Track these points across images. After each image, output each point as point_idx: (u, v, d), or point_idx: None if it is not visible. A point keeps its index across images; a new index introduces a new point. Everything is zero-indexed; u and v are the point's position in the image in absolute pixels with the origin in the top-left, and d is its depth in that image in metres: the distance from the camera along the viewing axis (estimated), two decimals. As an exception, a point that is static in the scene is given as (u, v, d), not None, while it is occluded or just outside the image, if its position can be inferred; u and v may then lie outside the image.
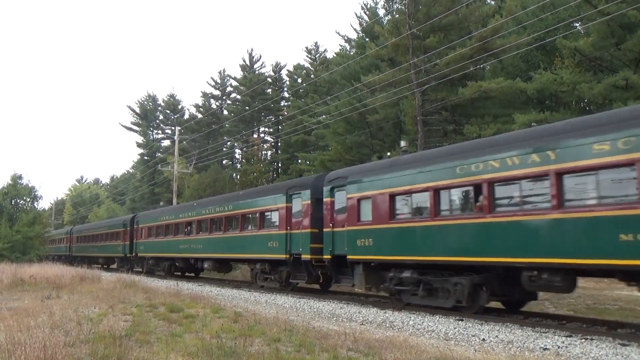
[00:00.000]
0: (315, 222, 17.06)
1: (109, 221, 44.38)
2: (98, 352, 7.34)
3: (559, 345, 8.87)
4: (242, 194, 23.38)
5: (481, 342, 9.39)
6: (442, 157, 12.78)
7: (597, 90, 21.43)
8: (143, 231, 32.56)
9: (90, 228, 47.48)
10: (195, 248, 25.25)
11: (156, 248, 30.41)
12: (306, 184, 18.07)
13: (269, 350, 7.73)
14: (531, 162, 10.35)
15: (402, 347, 7.96)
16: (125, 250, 35.03)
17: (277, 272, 19.35)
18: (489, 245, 11.17)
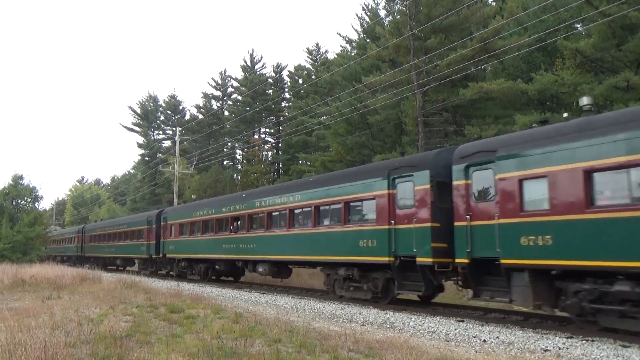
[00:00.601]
0: (437, 213, 12.90)
1: (130, 218, 39.85)
2: (99, 353, 7.35)
3: (560, 347, 8.86)
4: (315, 180, 18.92)
5: (482, 343, 9.38)
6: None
7: (598, 91, 21.39)
8: (173, 228, 28.33)
9: (106, 226, 42.76)
10: (246, 248, 21.06)
11: (190, 248, 26.31)
12: (421, 163, 13.74)
13: (270, 351, 7.73)
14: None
15: (403, 348, 7.96)
16: (150, 250, 31.26)
17: (369, 279, 15.18)
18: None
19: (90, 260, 42.05)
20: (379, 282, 14.79)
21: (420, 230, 13.13)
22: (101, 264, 40.34)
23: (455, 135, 29.01)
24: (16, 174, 44.33)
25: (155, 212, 32.28)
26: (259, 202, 20.67)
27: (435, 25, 27.22)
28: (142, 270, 33.33)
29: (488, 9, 29.15)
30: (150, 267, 32.35)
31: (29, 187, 44.32)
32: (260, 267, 20.33)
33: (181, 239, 27.26)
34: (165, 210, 31.57)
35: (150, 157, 68.40)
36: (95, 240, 43.49)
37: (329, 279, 17.02)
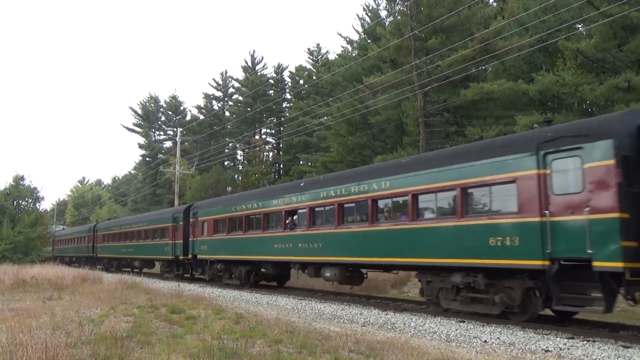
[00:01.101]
0: (625, 200, 9.50)
1: (151, 215, 35.16)
2: (99, 353, 7.35)
3: (561, 347, 8.85)
4: (410, 162, 15.00)
5: (483, 344, 9.37)
6: None
7: (599, 91, 21.38)
8: (205, 226, 24.40)
9: (122, 224, 38.23)
10: (307, 249, 17.28)
11: (228, 248, 22.33)
12: (596, 131, 10.00)
13: (271, 351, 7.73)
14: None
15: (404, 349, 7.95)
16: (176, 251, 27.18)
17: (499, 289, 11.55)
18: None
19: (104, 262, 39.53)
20: (516, 293, 11.17)
21: (600, 222, 9.52)
22: (115, 266, 37.14)
23: (457, 136, 29.01)
24: (17, 174, 44.51)
25: (183, 208, 28.25)
26: (324, 192, 16.82)
27: (436, 25, 27.21)
28: (166, 273, 29.78)
29: (489, 9, 29.14)
30: (176, 269, 28.30)
31: (30, 188, 44.44)
32: (328, 271, 16.58)
33: (216, 237, 23.22)
34: (195, 205, 26.97)
35: (151, 157, 68.46)
36: (109, 240, 39.02)
37: (429, 287, 13.33)
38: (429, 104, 28.42)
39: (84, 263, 42.37)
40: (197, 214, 25.47)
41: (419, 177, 13.32)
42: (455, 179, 12.20)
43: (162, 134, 73.57)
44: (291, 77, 58.24)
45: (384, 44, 30.41)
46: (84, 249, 44.58)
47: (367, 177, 15.31)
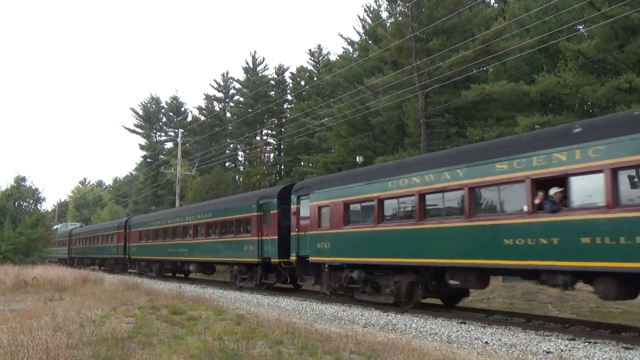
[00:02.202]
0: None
1: (219, 203, 25.88)
2: (100, 354, 7.36)
3: (562, 349, 8.84)
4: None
5: (484, 345, 9.37)
6: None
7: (600, 92, 21.38)
8: (324, 214, 16.80)
9: (169, 217, 29.97)
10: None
11: (373, 247, 14.74)
12: None
13: (272, 352, 7.73)
14: None
15: (405, 350, 7.95)
16: (266, 250, 19.89)
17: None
18: None
19: (139, 265, 33.17)
20: None
21: None
22: (157, 270, 30.79)
23: (458, 137, 29.01)
24: (18, 175, 44.38)
25: (276, 190, 20.61)
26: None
27: (437, 26, 27.21)
28: (242, 281, 21.94)
29: (490, 10, 29.14)
30: (261, 277, 20.60)
31: (31, 189, 44.38)
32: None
33: (349, 230, 15.46)
34: (303, 185, 19.05)
35: (152, 158, 68.47)
36: (148, 238, 31.70)
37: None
38: (430, 105, 28.42)
39: (111, 266, 37.46)
40: (309, 196, 17.47)
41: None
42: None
43: (163, 135, 73.63)
44: (292, 78, 58.22)
45: (385, 45, 30.43)
46: (112, 249, 37.56)
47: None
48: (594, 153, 9.46)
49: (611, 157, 9.16)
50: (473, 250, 11.53)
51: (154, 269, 31.30)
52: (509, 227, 10.86)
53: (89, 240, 44.20)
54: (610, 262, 9.05)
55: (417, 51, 27.86)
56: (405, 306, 13.84)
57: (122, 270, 31.76)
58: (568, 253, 9.67)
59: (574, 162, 9.76)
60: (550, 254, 9.95)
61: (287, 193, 19.11)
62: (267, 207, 20.11)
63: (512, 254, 10.67)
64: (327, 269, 16.56)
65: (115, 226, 38.28)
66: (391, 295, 14.20)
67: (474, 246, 11.54)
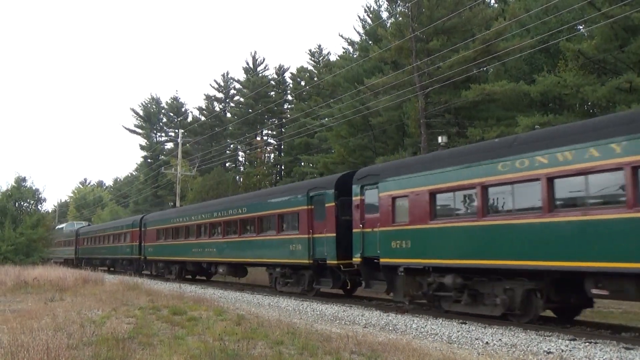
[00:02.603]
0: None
1: (256, 196, 23.01)
2: (101, 355, 7.36)
3: (563, 349, 8.84)
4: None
5: (484, 346, 9.37)
6: None
7: (600, 92, 21.39)
8: (404, 206, 13.81)
9: (193, 213, 26.76)
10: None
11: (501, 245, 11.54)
12: None
13: (272, 353, 7.73)
14: None
15: (405, 350, 7.95)
16: (320, 250, 16.82)
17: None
18: None
19: (156, 266, 30.48)
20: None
21: None
22: (176, 272, 27.94)
23: (458, 137, 29.01)
24: (19, 175, 44.45)
25: (333, 179, 17.12)
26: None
27: (437, 27, 27.22)
28: (285, 286, 19.13)
29: (490, 10, 29.15)
30: (317, 281, 17.61)
31: (31, 189, 44.44)
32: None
33: (435, 226, 12.65)
34: (369, 172, 15.55)
35: (153, 159, 68.52)
36: (168, 236, 28.79)
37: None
38: (430, 105, 28.42)
39: (123, 267, 34.49)
40: (375, 185, 14.61)
41: None
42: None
43: (163, 136, 73.69)
44: (292, 78, 58.28)
45: (385, 45, 30.43)
46: (125, 249, 34.64)
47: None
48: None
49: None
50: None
51: (174, 270, 28.36)
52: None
53: (98, 240, 40.97)
54: None
55: (418, 51, 27.86)
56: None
57: (136, 272, 29.18)
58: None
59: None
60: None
61: (347, 182, 16.15)
62: (320, 200, 16.97)
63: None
64: (404, 273, 13.58)
65: (128, 224, 35.26)
66: (500, 306, 11.43)
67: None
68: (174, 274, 28.22)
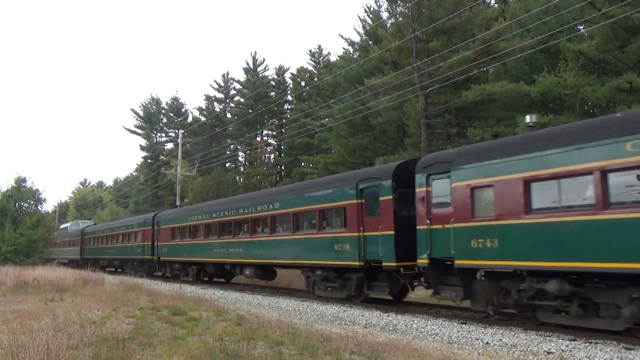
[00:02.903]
0: None
1: (292, 189, 20.39)
2: (101, 355, 7.36)
3: (563, 349, 8.84)
4: None
5: (485, 346, 9.36)
6: None
7: (601, 93, 21.38)
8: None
9: (218, 209, 24.06)
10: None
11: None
12: None
13: (272, 353, 7.73)
14: None
15: (406, 351, 7.95)
16: (379, 251, 14.40)
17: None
18: None
19: (173, 268, 28.07)
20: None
21: None
22: (194, 274, 25.87)
23: (458, 137, 29.00)
24: (19, 176, 44.52)
25: (391, 168, 14.81)
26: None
27: (437, 27, 27.22)
28: (326, 290, 16.76)
29: (490, 11, 29.15)
30: (369, 285, 15.23)
31: (31, 190, 44.51)
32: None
33: (533, 221, 10.66)
34: (436, 158, 13.35)
35: (153, 159, 68.54)
36: (184, 235, 26.57)
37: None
38: (431, 106, 28.42)
39: (134, 268, 32.63)
40: (446, 174, 12.52)
41: None
42: None
43: (163, 136, 73.71)
44: (292, 78, 58.28)
45: (385, 45, 30.43)
46: (136, 249, 32.63)
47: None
48: None
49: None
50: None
51: (191, 272, 26.32)
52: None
53: (106, 240, 38.81)
54: None
55: (418, 52, 27.85)
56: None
57: (148, 274, 27.85)
58: None
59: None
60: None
61: (408, 172, 13.95)
62: (373, 192, 14.82)
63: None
64: (485, 278, 11.49)
65: (140, 223, 32.89)
66: (624, 319, 9.51)
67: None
68: (191, 275, 26.28)
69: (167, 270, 28.94)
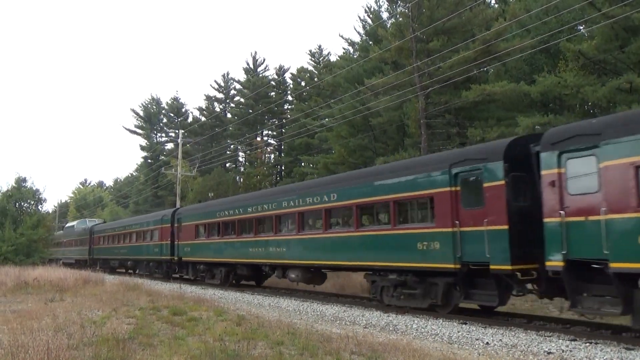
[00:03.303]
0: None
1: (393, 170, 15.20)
2: (101, 355, 7.37)
3: (563, 349, 8.84)
4: None
5: (485, 346, 9.36)
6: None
7: (601, 93, 21.37)
8: None
9: (249, 203, 21.53)
10: None
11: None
12: None
13: (272, 353, 7.73)
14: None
15: (406, 351, 7.95)
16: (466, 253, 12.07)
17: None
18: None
19: (197, 270, 25.52)
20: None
21: None
22: (222, 276, 23.38)
23: (458, 137, 29.00)
24: (19, 176, 44.51)
25: (501, 146, 11.88)
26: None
27: (437, 27, 27.21)
28: (400, 298, 14.16)
29: (490, 11, 29.14)
30: (466, 294, 12.52)
31: (32, 190, 44.50)
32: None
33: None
34: (571, 131, 10.45)
35: (153, 159, 68.54)
36: (211, 233, 24.17)
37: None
38: (431, 106, 28.41)
39: (149, 270, 30.25)
40: (590, 150, 9.83)
41: None
42: None
43: (163, 136, 73.71)
44: (293, 78, 58.27)
45: (385, 45, 30.42)
46: (153, 249, 29.78)
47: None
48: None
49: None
50: None
51: (219, 274, 23.58)
52: None
53: (117, 239, 35.97)
54: None
55: (418, 52, 27.85)
56: None
57: (166, 276, 25.76)
58: None
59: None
60: None
61: (524, 150, 11.30)
62: (474, 178, 12.01)
63: None
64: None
65: (157, 220, 29.91)
66: None
67: None
68: (218, 278, 23.65)
69: (189, 272, 26.46)
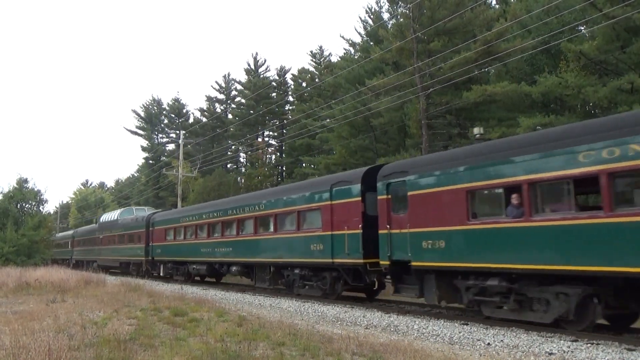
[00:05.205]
0: None
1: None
2: (103, 356, 7.37)
3: (565, 350, 8.82)
4: None
5: (486, 347, 9.35)
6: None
7: (602, 93, 21.35)
8: None
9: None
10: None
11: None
12: None
13: (273, 354, 7.73)
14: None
15: (407, 352, 7.94)
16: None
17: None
18: None
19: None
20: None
21: None
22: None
23: (459, 138, 28.99)
24: (21, 177, 44.57)
25: None
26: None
27: (438, 28, 27.22)
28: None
29: (491, 11, 29.16)
30: None
31: (33, 191, 44.51)
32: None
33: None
34: None
35: (154, 160, 68.60)
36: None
37: None
38: (432, 106, 28.41)
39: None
40: None
41: None
42: None
43: (164, 137, 73.77)
44: (294, 79, 58.31)
45: (386, 46, 30.44)
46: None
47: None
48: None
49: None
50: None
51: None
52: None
53: (200, 230, 25.14)
54: None
55: (419, 52, 27.85)
56: None
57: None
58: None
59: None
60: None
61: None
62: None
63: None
64: None
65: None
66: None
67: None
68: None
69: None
